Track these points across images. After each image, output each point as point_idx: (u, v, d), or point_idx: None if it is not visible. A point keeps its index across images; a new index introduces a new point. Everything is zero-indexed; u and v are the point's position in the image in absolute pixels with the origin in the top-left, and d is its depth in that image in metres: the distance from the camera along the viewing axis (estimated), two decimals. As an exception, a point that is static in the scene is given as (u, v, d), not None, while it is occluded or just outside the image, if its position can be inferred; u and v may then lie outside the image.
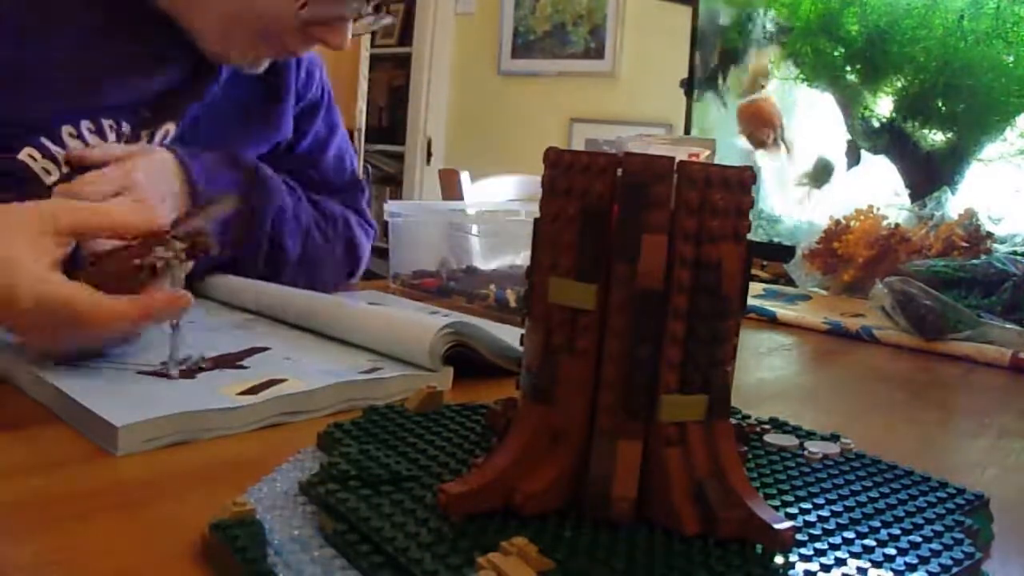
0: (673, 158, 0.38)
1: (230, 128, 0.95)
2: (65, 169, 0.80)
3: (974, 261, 1.00)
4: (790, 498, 0.42)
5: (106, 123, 0.85)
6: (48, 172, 0.81)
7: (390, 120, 4.30)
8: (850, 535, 0.39)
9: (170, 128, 0.89)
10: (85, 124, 0.83)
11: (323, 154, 1.07)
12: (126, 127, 0.86)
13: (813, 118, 1.56)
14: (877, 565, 0.36)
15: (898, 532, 0.39)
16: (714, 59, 1.59)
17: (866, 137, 1.43)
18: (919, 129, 1.38)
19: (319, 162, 1.06)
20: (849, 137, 1.45)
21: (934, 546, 0.38)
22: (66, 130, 0.82)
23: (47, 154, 0.81)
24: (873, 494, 0.44)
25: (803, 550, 0.37)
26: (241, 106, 0.96)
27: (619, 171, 0.38)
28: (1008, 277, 0.96)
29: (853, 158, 1.46)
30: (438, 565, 0.33)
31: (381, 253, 1.12)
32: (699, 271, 0.38)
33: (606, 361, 0.38)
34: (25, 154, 0.80)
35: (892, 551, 0.37)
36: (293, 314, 0.75)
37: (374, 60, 3.81)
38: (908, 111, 1.38)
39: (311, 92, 1.05)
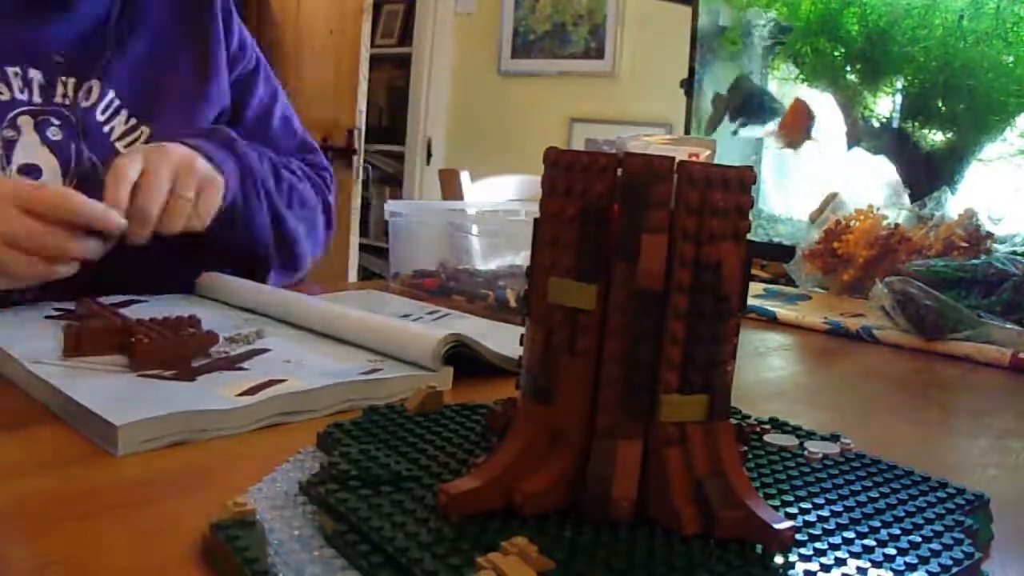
0: (673, 158, 0.38)
1: (169, 92, 0.95)
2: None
3: (974, 261, 1.00)
4: (790, 498, 0.42)
5: (9, 70, 0.85)
6: None
7: (390, 120, 4.30)
8: (850, 535, 0.39)
9: (94, 85, 0.89)
10: None
11: (270, 120, 1.08)
12: (36, 74, 0.86)
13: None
14: (877, 565, 0.36)
15: (898, 532, 0.39)
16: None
17: (866, 137, 1.43)
18: (919, 129, 1.38)
19: (267, 128, 1.08)
20: (850, 121, 1.45)
21: (934, 546, 0.38)
22: None
23: None
24: (873, 494, 0.44)
25: (803, 550, 0.37)
26: (176, 71, 0.96)
27: (619, 171, 0.38)
28: (1008, 277, 0.96)
29: (853, 139, 1.45)
30: (438, 565, 0.33)
31: (381, 253, 1.12)
32: (699, 271, 0.38)
33: (606, 361, 0.38)
34: None
35: (892, 551, 0.37)
36: (292, 318, 0.75)
37: (374, 60, 3.81)
38: (908, 111, 1.38)
39: (245, 60, 1.05)
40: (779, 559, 0.36)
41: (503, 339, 0.67)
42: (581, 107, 3.61)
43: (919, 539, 0.39)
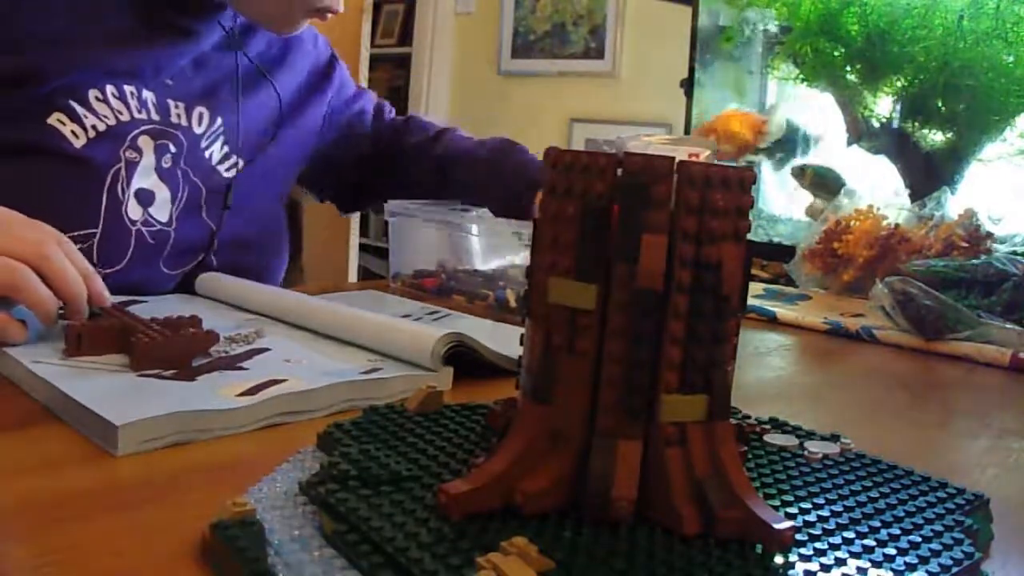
0: (673, 158, 0.38)
1: (259, 132, 1.01)
2: None
3: (974, 261, 1.00)
4: (790, 498, 0.42)
5: (127, 89, 0.87)
6: (76, 135, 0.83)
7: (390, 120, 4.30)
8: (850, 535, 0.39)
9: (203, 111, 0.93)
10: (110, 89, 0.85)
11: (380, 113, 1.24)
12: (148, 95, 0.88)
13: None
14: (877, 565, 0.36)
15: (898, 532, 0.39)
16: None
17: (866, 137, 1.42)
18: (919, 129, 1.38)
19: (379, 119, 1.22)
20: (849, 120, 1.45)
21: (934, 546, 0.38)
22: (92, 94, 0.84)
23: (74, 117, 0.83)
24: (873, 494, 0.44)
25: (803, 550, 0.37)
26: (268, 118, 1.02)
27: (619, 171, 0.38)
28: (1008, 277, 0.96)
29: (855, 134, 1.45)
30: (438, 565, 0.33)
31: (381, 253, 1.13)
32: (699, 271, 0.38)
33: (606, 361, 0.38)
34: (54, 119, 0.82)
35: (892, 551, 0.37)
36: (292, 318, 0.75)
37: (374, 60, 3.80)
38: (908, 111, 1.38)
39: (351, 99, 1.18)
40: (779, 559, 0.36)
41: (503, 339, 0.67)
42: (581, 107, 3.61)
43: (919, 539, 0.39)
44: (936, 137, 1.37)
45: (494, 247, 1.06)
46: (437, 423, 0.49)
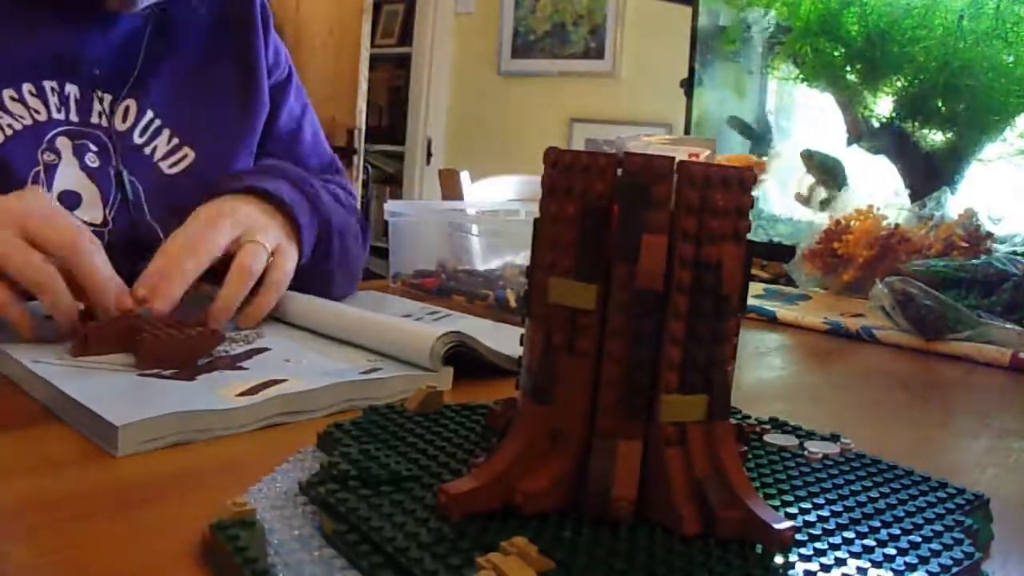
0: (673, 158, 0.38)
1: (213, 112, 0.93)
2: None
3: (974, 261, 1.00)
4: (790, 498, 0.42)
5: (47, 85, 0.82)
6: None
7: (390, 120, 4.30)
8: (850, 535, 0.39)
9: (131, 104, 0.87)
10: (26, 87, 0.81)
11: (300, 133, 1.05)
12: (72, 88, 0.84)
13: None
14: (877, 565, 0.36)
15: (898, 532, 0.39)
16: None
17: (866, 137, 1.43)
18: (919, 129, 1.38)
19: (299, 141, 1.04)
20: (849, 120, 1.45)
21: (934, 546, 0.38)
22: (7, 94, 0.80)
23: None
24: (873, 494, 0.44)
25: (803, 550, 0.37)
26: (218, 89, 0.94)
27: (619, 171, 0.38)
28: (1008, 277, 0.96)
29: (855, 134, 1.45)
30: (438, 565, 0.33)
31: (381, 253, 1.12)
32: (699, 271, 0.38)
33: (606, 361, 0.38)
34: None
35: (892, 551, 0.37)
36: (292, 318, 0.75)
37: (374, 60, 3.81)
38: (908, 111, 1.38)
39: (280, 69, 1.03)
40: (779, 559, 0.36)
41: (503, 339, 0.67)
42: (581, 107, 3.62)
43: (919, 539, 0.39)
44: (936, 137, 1.37)
45: (494, 247, 1.06)
46: (437, 423, 0.49)
